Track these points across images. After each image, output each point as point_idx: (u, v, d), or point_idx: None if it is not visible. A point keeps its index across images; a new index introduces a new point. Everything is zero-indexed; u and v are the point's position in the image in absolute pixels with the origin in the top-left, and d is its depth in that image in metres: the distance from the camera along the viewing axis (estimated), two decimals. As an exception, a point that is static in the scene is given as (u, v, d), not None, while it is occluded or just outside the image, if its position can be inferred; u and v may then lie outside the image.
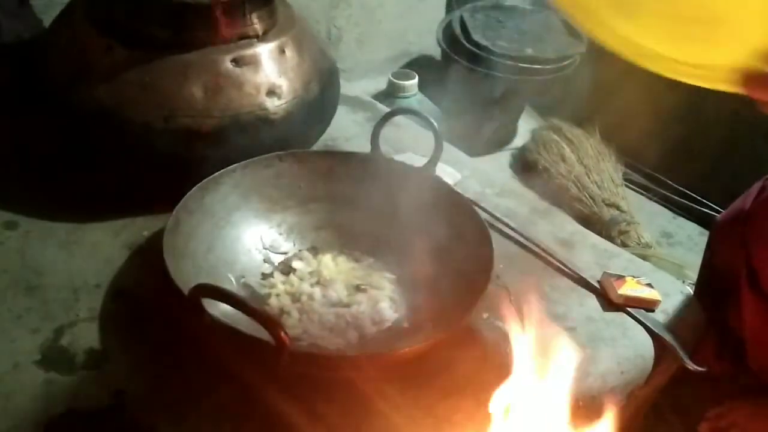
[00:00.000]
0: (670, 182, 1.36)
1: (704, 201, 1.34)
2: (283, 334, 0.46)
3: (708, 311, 0.72)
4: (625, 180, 1.32)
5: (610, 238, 0.87)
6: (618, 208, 1.19)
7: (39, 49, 0.73)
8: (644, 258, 0.82)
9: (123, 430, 0.52)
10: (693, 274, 1.14)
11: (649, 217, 1.32)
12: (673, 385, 0.72)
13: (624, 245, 0.96)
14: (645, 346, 0.65)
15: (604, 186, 1.21)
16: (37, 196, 0.72)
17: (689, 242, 1.33)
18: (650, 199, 1.38)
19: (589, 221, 0.95)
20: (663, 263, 0.81)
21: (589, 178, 1.22)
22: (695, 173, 1.33)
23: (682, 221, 1.37)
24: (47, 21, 0.80)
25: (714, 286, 0.77)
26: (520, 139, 1.45)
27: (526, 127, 1.46)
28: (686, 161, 1.30)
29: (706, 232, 1.34)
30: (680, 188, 1.36)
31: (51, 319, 0.59)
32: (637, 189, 1.37)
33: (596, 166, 1.24)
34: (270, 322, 0.46)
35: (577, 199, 1.16)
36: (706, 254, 0.82)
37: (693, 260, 1.16)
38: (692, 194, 1.36)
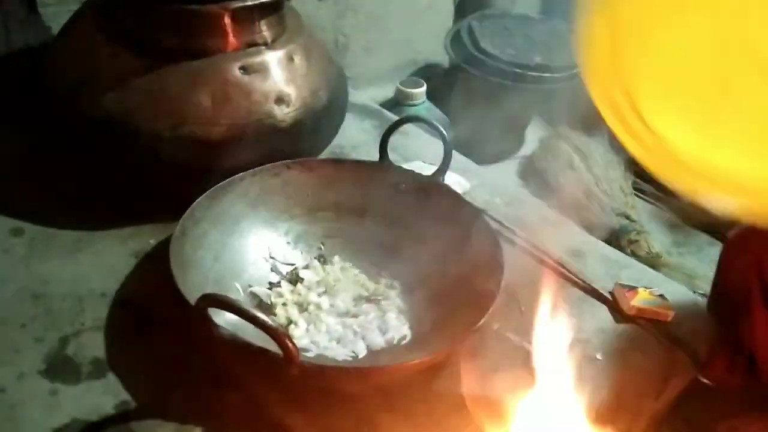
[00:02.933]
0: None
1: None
2: (292, 346, 0.45)
3: (720, 325, 0.71)
4: (635, 189, 1.31)
5: (619, 248, 0.86)
6: (627, 217, 1.18)
7: (47, 56, 0.73)
8: (654, 268, 0.80)
9: (128, 442, 0.51)
10: (704, 285, 1.12)
11: (659, 226, 1.31)
12: (685, 397, 0.71)
13: (634, 255, 0.95)
14: (658, 358, 0.64)
15: (613, 195, 1.20)
16: (44, 204, 0.72)
17: (699, 252, 1.32)
18: (660, 208, 1.36)
19: (599, 230, 0.94)
20: (674, 273, 0.80)
21: (598, 187, 1.21)
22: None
23: (691, 231, 1.36)
24: (56, 29, 0.80)
25: (726, 303, 0.76)
26: (528, 148, 1.44)
27: (534, 136, 1.45)
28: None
29: (716, 242, 1.33)
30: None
31: (56, 328, 0.59)
32: (647, 198, 1.36)
33: (605, 175, 1.23)
34: (279, 333, 0.45)
35: (586, 208, 1.15)
36: (718, 271, 0.80)
37: (703, 270, 1.15)
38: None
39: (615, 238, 1.08)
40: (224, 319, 0.50)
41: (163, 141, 0.65)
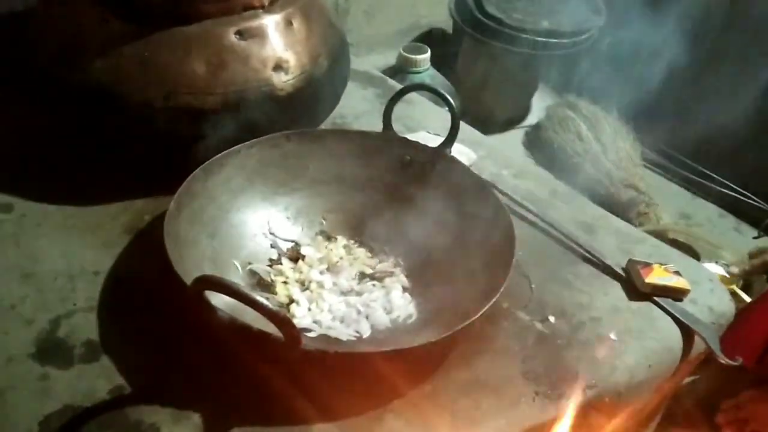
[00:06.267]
0: (689, 162, 1.32)
1: (724, 182, 1.30)
2: (294, 331, 0.42)
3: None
4: (644, 159, 1.28)
5: (628, 220, 0.83)
6: (636, 188, 1.15)
7: (32, 21, 0.70)
8: (663, 240, 0.77)
9: (123, 428, 0.49)
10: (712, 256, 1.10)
11: (668, 198, 1.29)
12: (691, 372, 0.69)
13: (642, 227, 0.92)
14: (673, 337, 0.61)
15: (622, 166, 1.17)
16: (33, 178, 0.69)
17: (708, 224, 1.30)
18: (669, 179, 1.34)
19: (607, 202, 0.91)
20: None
21: (606, 157, 1.17)
22: (716, 153, 1.29)
23: (701, 202, 1.33)
24: (41, -8, 0.76)
25: None
26: (534, 117, 1.41)
27: (540, 104, 1.42)
28: (707, 140, 1.26)
29: (726, 213, 1.31)
30: (700, 168, 1.32)
31: (47, 309, 0.56)
32: (655, 169, 1.33)
33: (614, 145, 1.20)
34: (281, 318, 0.42)
35: (594, 180, 1.12)
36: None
37: (713, 242, 1.13)
38: (712, 174, 1.32)
39: (623, 211, 1.05)
40: (222, 299, 0.47)
41: (155, 111, 0.62)
